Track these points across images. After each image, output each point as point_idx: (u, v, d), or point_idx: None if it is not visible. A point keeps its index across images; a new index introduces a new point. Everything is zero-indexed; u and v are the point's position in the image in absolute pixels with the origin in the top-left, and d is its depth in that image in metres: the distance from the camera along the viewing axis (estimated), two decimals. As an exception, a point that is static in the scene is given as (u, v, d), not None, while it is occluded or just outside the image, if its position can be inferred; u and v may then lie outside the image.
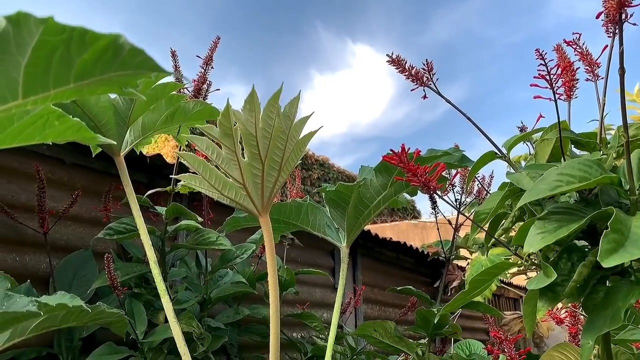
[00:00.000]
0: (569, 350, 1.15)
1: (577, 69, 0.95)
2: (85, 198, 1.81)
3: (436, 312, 1.45)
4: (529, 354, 1.77)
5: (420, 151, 0.97)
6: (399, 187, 1.41)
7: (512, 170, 0.87)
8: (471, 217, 0.95)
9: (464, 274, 4.59)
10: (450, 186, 1.85)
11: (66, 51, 0.37)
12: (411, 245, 3.72)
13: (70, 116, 0.51)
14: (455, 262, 4.31)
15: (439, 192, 0.90)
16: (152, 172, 2.03)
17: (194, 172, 0.82)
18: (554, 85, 0.77)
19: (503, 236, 0.96)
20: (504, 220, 0.88)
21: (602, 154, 0.77)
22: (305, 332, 2.61)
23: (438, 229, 1.89)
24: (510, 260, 0.85)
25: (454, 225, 1.85)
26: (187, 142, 1.49)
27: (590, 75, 0.99)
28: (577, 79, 0.96)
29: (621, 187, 0.70)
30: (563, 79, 0.93)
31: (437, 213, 1.71)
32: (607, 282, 0.79)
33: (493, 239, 0.88)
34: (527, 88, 0.88)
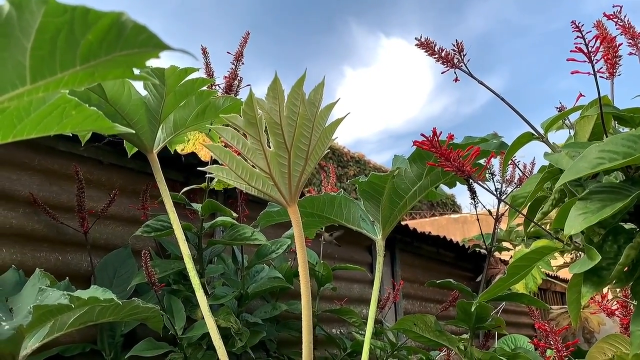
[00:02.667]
0: (619, 342, 1.08)
1: (619, 44, 0.89)
2: (123, 197, 1.85)
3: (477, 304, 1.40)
4: (578, 348, 1.70)
5: (453, 135, 0.93)
6: (435, 177, 1.37)
7: (551, 151, 0.82)
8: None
9: (506, 268, 4.47)
10: (490, 175, 1.79)
11: (70, 32, 0.36)
12: (451, 239, 3.64)
13: (87, 105, 0.50)
14: (497, 255, 4.20)
15: (474, 178, 0.87)
16: (188, 170, 2.05)
17: (221, 164, 0.81)
18: (592, 58, 0.72)
19: (548, 227, 0.91)
20: (543, 205, 0.84)
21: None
22: (344, 328, 2.59)
23: (478, 219, 1.83)
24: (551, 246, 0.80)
25: (494, 216, 1.78)
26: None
27: (634, 49, 0.93)
28: (620, 56, 0.90)
29: (670, 163, 0.65)
30: (604, 56, 0.88)
31: (477, 204, 1.65)
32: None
33: (532, 225, 0.84)
34: (569, 77, 0.83)
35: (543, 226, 0.86)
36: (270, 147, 0.80)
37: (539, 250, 0.77)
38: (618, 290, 1.31)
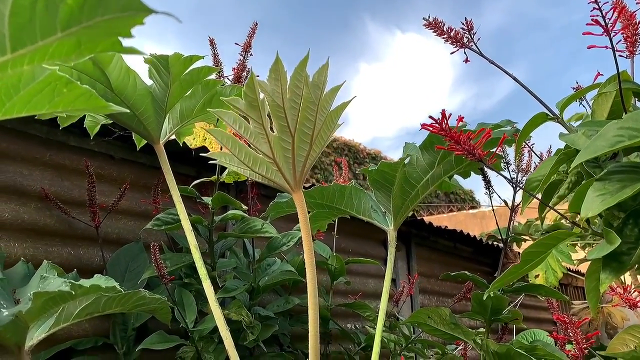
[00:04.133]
0: (638, 332, 1.04)
1: (639, 22, 0.85)
2: (134, 192, 1.85)
3: (491, 294, 1.37)
4: (600, 343, 1.65)
5: (462, 117, 0.90)
6: (449, 166, 1.34)
7: (566, 132, 0.79)
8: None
9: (521, 254, 4.39)
10: (505, 165, 1.75)
11: (48, -4, 0.34)
12: (468, 234, 3.59)
13: (79, 82, 0.49)
14: (515, 249, 4.13)
15: (485, 162, 0.84)
16: (199, 165, 2.05)
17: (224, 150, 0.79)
18: (610, 31, 0.69)
19: (569, 213, 0.88)
20: (559, 188, 0.80)
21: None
22: (359, 323, 2.57)
23: (494, 210, 1.79)
24: (568, 230, 0.77)
25: (510, 207, 1.74)
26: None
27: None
28: None
29: (695, 139, 0.61)
30: (623, 33, 0.84)
31: (492, 194, 1.61)
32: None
33: (547, 209, 0.80)
34: (589, 69, 0.80)
35: (562, 213, 0.82)
36: (273, 132, 0.78)
37: (554, 235, 0.74)
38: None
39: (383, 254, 3.04)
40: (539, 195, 0.81)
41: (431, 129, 0.85)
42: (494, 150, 1.34)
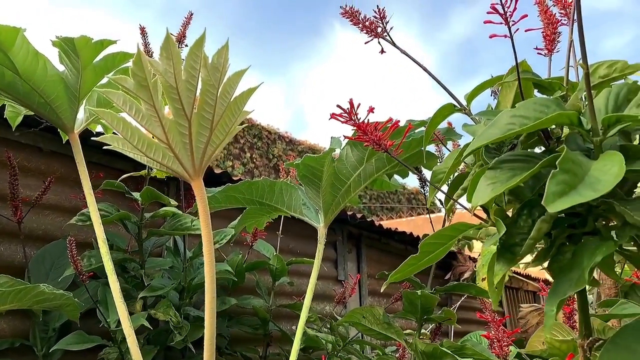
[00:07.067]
0: (557, 329, 1.05)
1: (558, 22, 0.86)
2: (65, 187, 1.77)
3: (419, 294, 1.36)
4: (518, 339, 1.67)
5: (373, 108, 0.88)
6: (380, 163, 1.32)
7: (472, 123, 0.78)
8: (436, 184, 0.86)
9: (475, 265, 4.45)
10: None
11: None
12: (419, 236, 3.60)
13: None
14: (467, 253, 4.18)
15: (391, 153, 0.82)
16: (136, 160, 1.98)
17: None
18: (508, 20, 0.68)
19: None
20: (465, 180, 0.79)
21: (565, 95, 0.68)
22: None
23: (429, 214, 1.79)
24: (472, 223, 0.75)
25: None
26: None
27: (565, 20, 0.89)
28: (560, 32, 0.87)
29: (582, 128, 0.60)
30: (544, 32, 0.85)
31: (427, 192, 1.60)
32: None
33: (452, 202, 0.79)
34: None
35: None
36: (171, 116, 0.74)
37: (455, 227, 0.72)
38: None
39: (333, 256, 3.02)
40: (445, 188, 0.80)
41: (341, 119, 0.83)
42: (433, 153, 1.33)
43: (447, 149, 1.23)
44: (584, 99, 0.68)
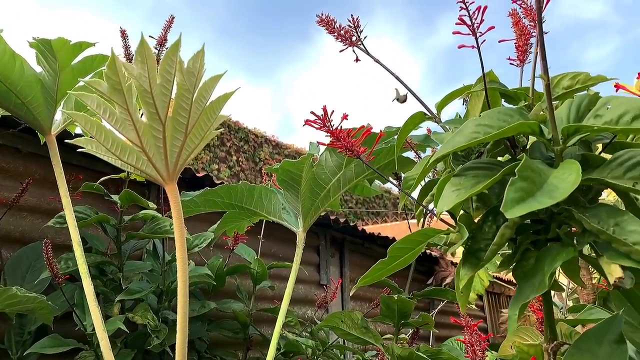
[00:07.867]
0: (527, 334, 1.07)
1: (530, 33, 0.88)
2: (43, 189, 1.76)
3: (396, 299, 1.37)
4: (492, 343, 1.69)
5: (347, 115, 0.90)
6: (360, 169, 1.33)
7: (442, 131, 0.79)
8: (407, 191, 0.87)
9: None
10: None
11: None
12: (402, 241, 3.63)
13: None
14: (449, 258, 4.21)
15: (363, 160, 0.83)
16: (117, 163, 1.97)
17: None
18: (475, 30, 0.70)
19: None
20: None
21: (530, 104, 0.70)
22: (284, 329, 2.53)
23: (407, 219, 1.81)
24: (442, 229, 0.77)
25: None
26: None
27: (534, 31, 0.92)
28: (531, 44, 0.89)
29: (543, 137, 0.62)
30: (516, 43, 0.87)
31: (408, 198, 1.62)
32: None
33: (421, 208, 0.80)
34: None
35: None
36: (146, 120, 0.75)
37: (423, 232, 0.74)
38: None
39: (316, 260, 3.02)
40: (417, 194, 0.81)
41: (315, 125, 0.84)
42: (411, 159, 1.35)
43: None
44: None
